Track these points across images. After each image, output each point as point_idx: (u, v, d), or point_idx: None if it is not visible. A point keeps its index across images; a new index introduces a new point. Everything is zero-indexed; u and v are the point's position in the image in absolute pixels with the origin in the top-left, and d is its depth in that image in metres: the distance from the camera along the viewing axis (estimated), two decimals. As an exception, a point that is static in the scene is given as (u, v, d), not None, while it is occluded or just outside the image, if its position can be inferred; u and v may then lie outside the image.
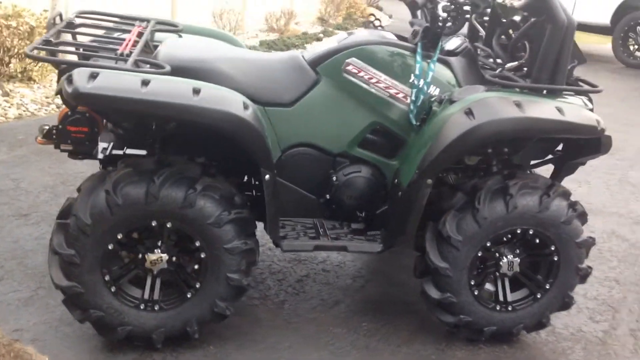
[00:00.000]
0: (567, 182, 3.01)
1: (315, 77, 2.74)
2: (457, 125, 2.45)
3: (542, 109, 2.48)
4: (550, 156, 3.07)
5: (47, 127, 2.67)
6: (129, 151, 2.82)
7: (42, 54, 2.53)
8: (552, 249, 2.69)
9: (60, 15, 2.79)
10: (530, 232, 2.64)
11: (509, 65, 2.79)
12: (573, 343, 2.96)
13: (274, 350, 2.70)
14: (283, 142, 2.75)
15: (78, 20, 2.98)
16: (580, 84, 2.84)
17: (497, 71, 2.80)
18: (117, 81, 2.18)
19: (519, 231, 2.64)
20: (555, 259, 2.72)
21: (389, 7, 14.55)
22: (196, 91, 2.24)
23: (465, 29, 3.31)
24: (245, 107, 2.33)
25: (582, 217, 2.71)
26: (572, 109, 2.55)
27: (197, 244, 2.45)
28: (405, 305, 3.12)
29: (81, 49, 2.56)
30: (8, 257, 3.21)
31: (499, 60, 2.89)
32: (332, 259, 3.51)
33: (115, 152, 2.76)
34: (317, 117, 2.75)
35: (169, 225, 2.40)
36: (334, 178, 2.78)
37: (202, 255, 2.46)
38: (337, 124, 2.77)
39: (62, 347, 2.59)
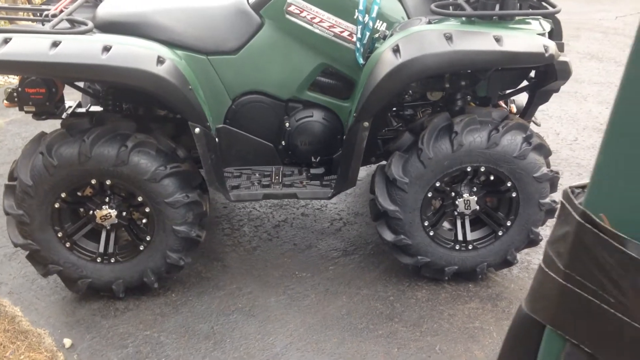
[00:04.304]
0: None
1: (259, 21, 2.67)
2: (385, 64, 2.34)
3: (475, 40, 2.31)
4: (525, 84, 2.89)
5: (9, 90, 2.75)
6: (93, 108, 2.89)
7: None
8: (509, 185, 2.57)
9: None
10: (482, 170, 2.53)
11: (464, -9, 2.60)
12: (546, 280, 2.86)
13: (233, 297, 2.76)
14: (232, 91, 2.72)
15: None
16: (544, 4, 2.63)
17: (451, -1, 2.62)
18: (26, 46, 2.19)
19: (469, 169, 2.53)
20: (514, 195, 2.60)
21: None
22: (106, 49, 2.22)
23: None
24: (160, 61, 2.30)
25: (540, 149, 2.56)
26: (514, 37, 2.35)
27: (140, 199, 2.50)
28: (377, 247, 3.10)
29: (21, 13, 2.60)
30: (2, 214, 3.39)
31: None
32: (314, 202, 3.51)
33: (78, 110, 2.84)
34: (263, 63, 2.69)
35: (108, 182, 2.46)
36: (287, 124, 2.75)
37: (147, 210, 2.52)
38: (284, 68, 2.70)
39: (34, 299, 2.76)
